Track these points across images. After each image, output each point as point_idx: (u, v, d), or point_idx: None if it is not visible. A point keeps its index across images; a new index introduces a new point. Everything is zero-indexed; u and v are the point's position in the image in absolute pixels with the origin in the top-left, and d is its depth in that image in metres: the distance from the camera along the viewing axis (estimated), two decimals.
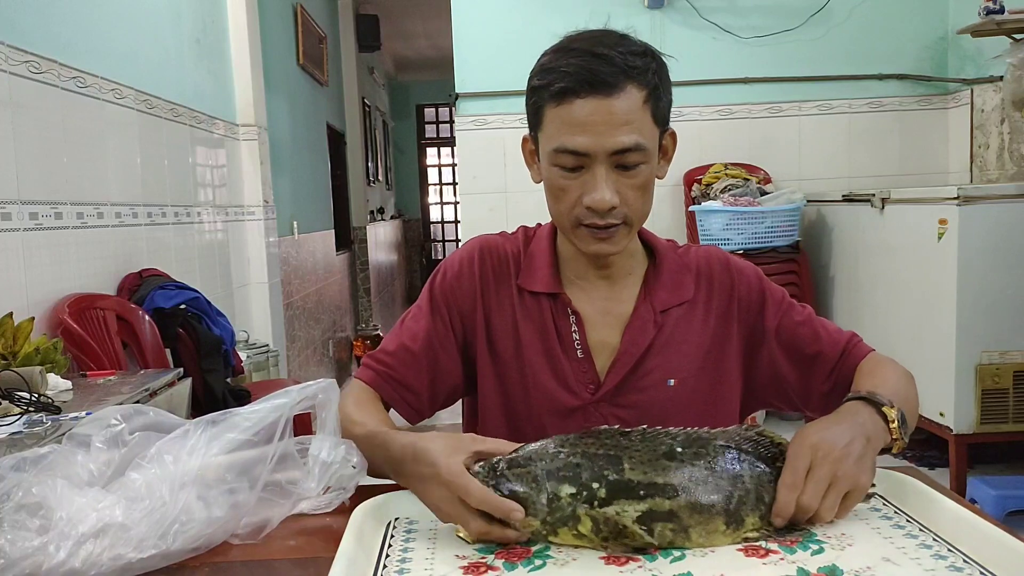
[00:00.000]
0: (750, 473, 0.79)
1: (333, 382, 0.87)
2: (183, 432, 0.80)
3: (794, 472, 0.78)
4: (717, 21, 3.96)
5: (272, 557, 0.79)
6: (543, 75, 0.98)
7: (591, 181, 0.96)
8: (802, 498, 0.77)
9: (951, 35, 3.93)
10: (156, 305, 2.43)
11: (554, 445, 0.79)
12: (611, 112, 0.94)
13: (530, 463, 0.78)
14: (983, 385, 2.79)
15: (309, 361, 4.88)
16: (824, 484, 0.78)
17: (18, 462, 0.77)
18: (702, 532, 0.76)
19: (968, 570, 0.68)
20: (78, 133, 2.27)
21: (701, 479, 0.77)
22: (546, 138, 0.99)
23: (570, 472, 0.77)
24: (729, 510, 0.77)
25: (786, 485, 0.78)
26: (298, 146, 4.82)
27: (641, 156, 0.96)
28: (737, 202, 3.60)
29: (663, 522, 0.75)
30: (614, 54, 0.95)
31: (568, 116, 0.95)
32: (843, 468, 0.79)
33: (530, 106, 1.02)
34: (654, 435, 0.80)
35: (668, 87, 1.01)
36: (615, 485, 0.76)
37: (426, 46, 8.70)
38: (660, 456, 0.78)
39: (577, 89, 0.94)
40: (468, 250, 1.12)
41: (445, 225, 11.02)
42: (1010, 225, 2.71)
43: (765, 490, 0.79)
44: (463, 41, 4.04)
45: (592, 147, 0.95)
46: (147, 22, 2.82)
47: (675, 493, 0.76)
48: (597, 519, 0.75)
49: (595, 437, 0.79)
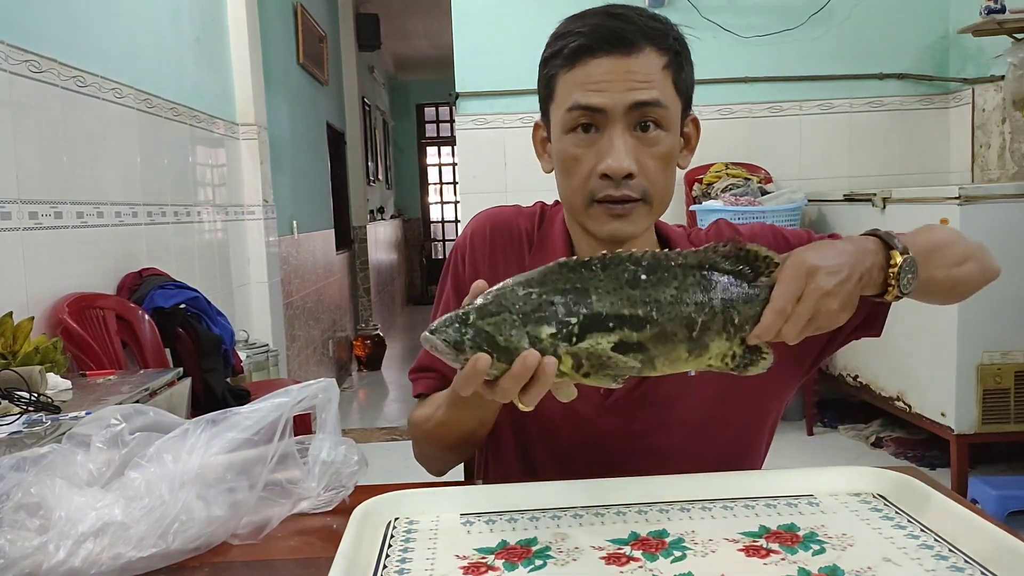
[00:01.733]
0: (720, 296, 0.76)
1: (332, 382, 0.87)
2: (182, 431, 0.80)
3: (785, 297, 0.75)
4: (718, 20, 3.96)
5: (272, 557, 0.79)
6: (556, 41, 0.93)
7: (607, 146, 0.90)
8: (784, 328, 0.75)
9: (952, 34, 3.93)
10: (156, 305, 2.42)
11: (522, 287, 0.75)
12: (629, 70, 0.88)
13: (503, 309, 0.74)
14: (984, 385, 2.78)
15: (309, 361, 4.88)
16: (806, 317, 0.76)
17: (18, 462, 0.77)
18: (665, 361, 0.76)
19: (969, 571, 0.68)
20: (78, 132, 2.27)
21: (665, 306, 0.75)
22: (558, 106, 0.94)
23: (545, 312, 0.74)
24: (692, 337, 0.75)
25: (775, 310, 0.75)
26: (298, 145, 4.81)
27: (662, 114, 0.90)
28: (738, 202, 3.60)
29: (633, 352, 0.74)
30: (632, 15, 0.90)
31: (583, 76, 0.90)
32: (828, 305, 0.76)
33: (542, 79, 0.96)
34: (617, 261, 0.75)
35: (690, 62, 0.95)
36: (587, 320, 0.74)
37: (426, 45, 8.70)
38: (624, 285, 0.75)
39: (593, 48, 0.89)
40: (478, 225, 1.07)
41: (445, 224, 11.02)
42: (1011, 225, 2.72)
43: (737, 310, 0.76)
44: (463, 40, 4.05)
45: (608, 103, 0.89)
46: (147, 21, 2.82)
47: (640, 324, 0.74)
48: (578, 355, 0.74)
49: (556, 271, 0.76)
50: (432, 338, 0.75)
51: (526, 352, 0.73)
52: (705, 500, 0.84)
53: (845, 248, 0.81)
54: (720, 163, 3.91)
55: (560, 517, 0.81)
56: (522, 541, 0.77)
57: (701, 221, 3.63)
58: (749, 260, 0.78)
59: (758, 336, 0.76)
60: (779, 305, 0.75)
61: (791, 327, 0.76)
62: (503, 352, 0.73)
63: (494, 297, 0.75)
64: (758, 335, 0.76)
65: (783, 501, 0.84)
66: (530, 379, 0.73)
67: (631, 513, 0.82)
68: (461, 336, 0.74)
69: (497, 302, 0.75)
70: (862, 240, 0.84)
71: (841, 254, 0.80)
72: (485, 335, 0.74)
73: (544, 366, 0.72)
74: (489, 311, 0.74)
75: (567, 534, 0.78)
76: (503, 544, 0.77)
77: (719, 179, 3.83)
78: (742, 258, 0.78)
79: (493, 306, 0.74)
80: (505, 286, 0.76)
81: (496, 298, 0.75)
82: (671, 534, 0.77)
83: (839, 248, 0.81)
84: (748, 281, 0.78)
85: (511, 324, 0.74)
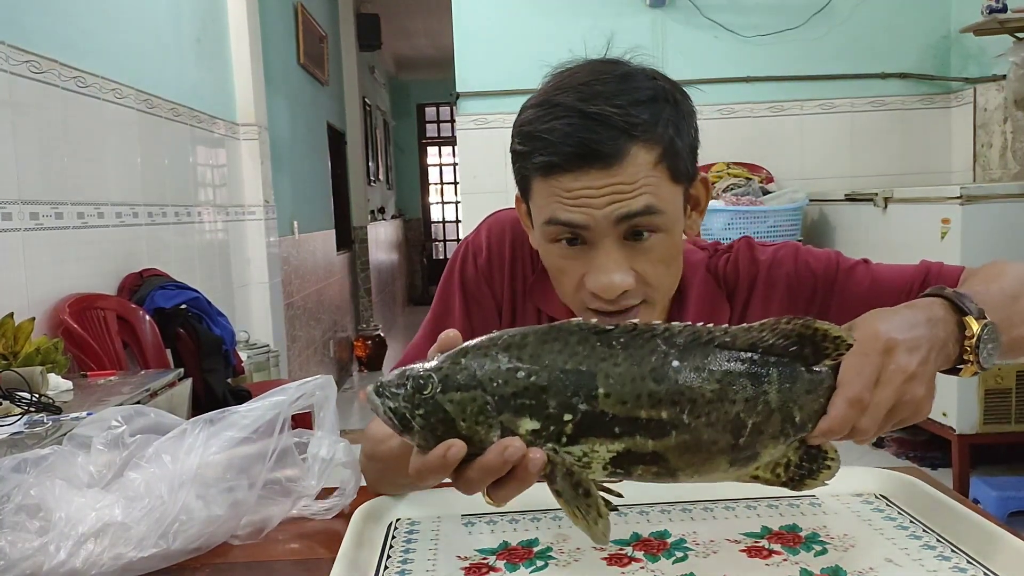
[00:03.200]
0: (778, 387, 0.58)
1: (330, 378, 0.86)
2: (180, 431, 0.80)
3: (863, 382, 0.59)
4: (719, 20, 3.96)
5: (273, 558, 0.79)
6: (524, 140, 0.79)
7: (595, 260, 0.77)
8: (861, 421, 0.60)
9: (954, 34, 3.92)
10: (156, 305, 2.43)
11: (507, 357, 0.57)
12: (611, 183, 0.75)
13: (474, 384, 0.56)
14: (986, 385, 2.78)
15: (310, 361, 4.88)
16: (886, 407, 0.60)
17: (18, 463, 0.76)
18: (693, 474, 0.59)
19: (971, 571, 0.68)
20: (78, 133, 2.27)
21: (702, 405, 0.57)
22: (537, 209, 0.81)
23: (532, 399, 0.56)
24: (738, 445, 0.58)
25: (850, 399, 0.59)
26: (298, 145, 4.81)
27: (657, 221, 0.77)
28: (739, 201, 3.59)
29: (644, 465, 0.58)
30: (611, 111, 0.74)
31: (559, 189, 0.76)
32: (913, 392, 0.61)
33: (515, 170, 0.83)
34: (644, 337, 0.58)
35: (689, 129, 0.80)
36: (586, 418, 0.57)
37: (427, 45, 8.70)
38: (647, 374, 0.57)
39: (565, 165, 0.75)
40: (499, 228, 0.94)
41: (446, 225, 11.02)
42: (1013, 224, 2.71)
43: (798, 404, 0.59)
44: (464, 40, 4.04)
45: (590, 221, 0.76)
46: (147, 22, 2.82)
47: (663, 431, 0.57)
48: (557, 467, 0.58)
49: (562, 340, 0.57)
50: (375, 400, 0.58)
51: (508, 440, 0.56)
52: (707, 501, 0.84)
53: (915, 318, 0.65)
54: (721, 163, 3.91)
55: (562, 518, 0.81)
56: (524, 542, 0.77)
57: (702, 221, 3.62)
58: (815, 341, 0.60)
59: (825, 433, 0.60)
60: (855, 392, 0.59)
61: (868, 420, 0.60)
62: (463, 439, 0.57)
63: (467, 363, 0.57)
64: (826, 431, 0.60)
65: (785, 502, 0.83)
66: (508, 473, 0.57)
67: (633, 514, 0.81)
68: (412, 411, 0.57)
69: (469, 372, 0.57)
70: (929, 306, 0.68)
71: (915, 325, 0.64)
72: (443, 416, 0.56)
73: (528, 463, 0.56)
74: (456, 383, 0.56)
75: (568, 535, 0.77)
76: (504, 545, 0.76)
77: (720, 179, 3.82)
78: (807, 338, 0.60)
79: (463, 376, 0.57)
80: (486, 348, 0.58)
81: (469, 366, 0.57)
82: (673, 535, 0.77)
83: (908, 317, 0.65)
84: (808, 365, 0.60)
85: (481, 408, 0.56)
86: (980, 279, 0.80)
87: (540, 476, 0.58)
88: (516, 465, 0.57)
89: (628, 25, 3.84)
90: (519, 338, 0.58)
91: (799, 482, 0.62)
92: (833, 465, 0.62)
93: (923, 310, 0.67)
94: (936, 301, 0.69)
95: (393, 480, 0.83)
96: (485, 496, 0.61)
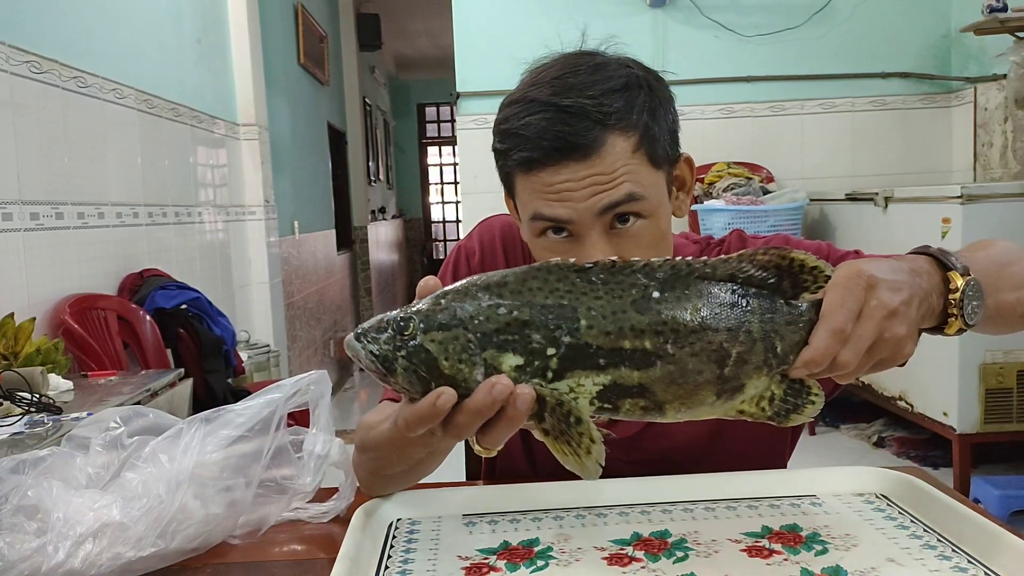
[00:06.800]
0: (760, 317, 0.59)
1: (324, 373, 0.85)
2: (177, 431, 0.80)
3: (845, 314, 0.59)
4: (719, 19, 3.96)
5: (273, 559, 0.79)
6: (503, 138, 0.81)
7: (582, 253, 0.78)
8: (842, 353, 0.59)
9: (954, 33, 3.92)
10: (157, 305, 2.43)
11: (487, 294, 0.57)
12: (590, 174, 0.76)
13: (456, 323, 0.56)
14: (987, 384, 2.78)
15: (310, 361, 4.88)
16: (868, 342, 0.60)
17: (16, 464, 0.76)
18: (680, 407, 0.59)
19: (972, 571, 0.68)
20: (79, 133, 2.27)
21: (685, 335, 0.57)
22: (521, 205, 0.83)
23: (514, 334, 0.56)
24: (723, 376, 0.58)
25: (831, 330, 0.59)
26: (299, 145, 4.82)
27: (640, 207, 0.78)
28: (740, 201, 3.59)
29: (631, 398, 0.58)
30: (584, 102, 0.75)
31: (540, 184, 0.78)
32: (895, 329, 0.61)
33: (498, 168, 0.85)
34: (624, 272, 0.58)
35: (667, 112, 0.81)
36: (570, 351, 0.56)
37: (427, 45, 8.70)
38: (628, 306, 0.57)
39: (543, 159, 0.76)
40: (489, 231, 0.97)
41: (447, 224, 11.02)
42: (1014, 224, 2.71)
43: (780, 335, 0.60)
44: (464, 40, 4.04)
45: (573, 214, 0.77)
46: (148, 22, 2.82)
47: (648, 361, 0.57)
48: (547, 401, 0.57)
49: (541, 279, 0.58)
50: (356, 345, 0.57)
51: (495, 378, 0.55)
52: (708, 501, 0.84)
53: (898, 265, 0.65)
54: (722, 162, 3.91)
55: (563, 518, 0.81)
56: (524, 542, 0.77)
57: (703, 221, 3.63)
58: (793, 272, 0.61)
59: (807, 364, 0.59)
60: (836, 323, 0.59)
61: (849, 353, 0.59)
62: (447, 383, 0.56)
63: (447, 303, 0.57)
64: (808, 362, 0.59)
65: (786, 501, 0.83)
66: (496, 414, 0.57)
67: (634, 514, 0.81)
68: (393, 352, 0.56)
69: (450, 312, 0.56)
70: (912, 258, 0.69)
71: (896, 271, 0.64)
72: (425, 356, 0.56)
73: (516, 399, 0.56)
74: (437, 322, 0.56)
75: (569, 535, 0.77)
76: (505, 545, 0.76)
77: (721, 178, 3.82)
78: (784, 269, 0.61)
79: (444, 316, 0.56)
80: (466, 289, 0.58)
81: (450, 306, 0.57)
82: (673, 534, 0.77)
83: (891, 264, 0.65)
84: (787, 298, 0.62)
85: (464, 346, 0.56)
86: (968, 249, 0.80)
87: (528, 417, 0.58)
88: (505, 404, 0.56)
89: (629, 25, 3.84)
90: (499, 278, 0.58)
91: (784, 416, 0.62)
92: (817, 400, 0.62)
93: (907, 262, 0.68)
94: (921, 257, 0.69)
95: (386, 470, 0.80)
96: (475, 444, 0.60)
